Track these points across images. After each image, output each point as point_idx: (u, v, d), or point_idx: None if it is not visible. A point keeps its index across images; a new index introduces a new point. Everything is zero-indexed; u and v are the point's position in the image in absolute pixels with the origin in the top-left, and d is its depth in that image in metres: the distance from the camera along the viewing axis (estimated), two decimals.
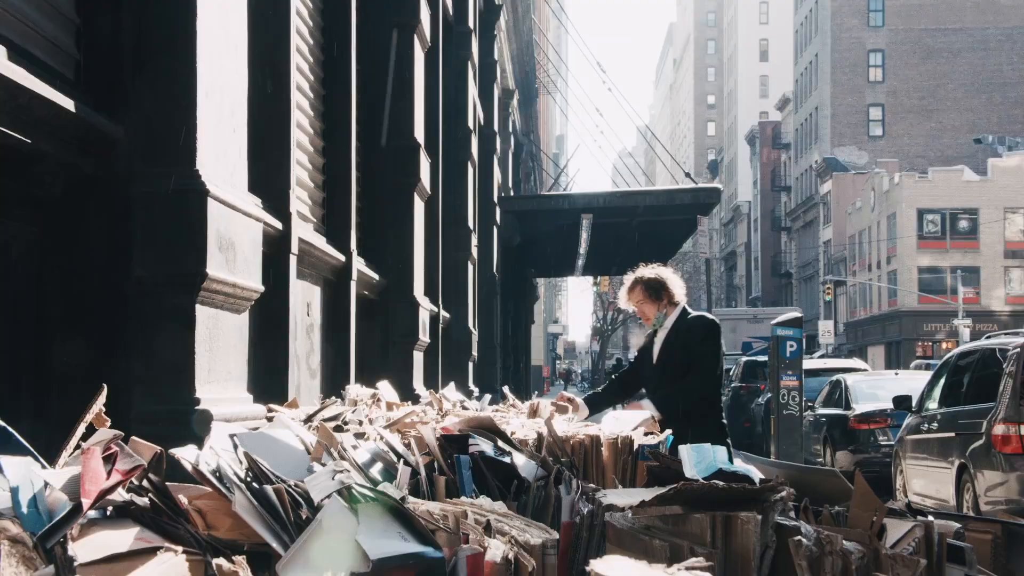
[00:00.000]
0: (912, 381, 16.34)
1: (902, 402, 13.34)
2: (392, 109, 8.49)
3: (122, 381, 3.66)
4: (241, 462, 2.63)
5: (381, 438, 3.29)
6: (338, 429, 3.70)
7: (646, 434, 4.01)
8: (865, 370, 21.93)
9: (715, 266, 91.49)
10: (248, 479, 2.55)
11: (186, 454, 2.59)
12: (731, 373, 26.68)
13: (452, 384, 5.79)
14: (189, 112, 3.76)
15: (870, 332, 61.10)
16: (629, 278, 6.10)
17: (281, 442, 2.97)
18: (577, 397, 5.89)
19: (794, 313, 16.89)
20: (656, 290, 6.00)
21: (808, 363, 20.98)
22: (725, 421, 5.84)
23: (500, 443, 3.33)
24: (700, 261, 61.08)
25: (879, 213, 59.93)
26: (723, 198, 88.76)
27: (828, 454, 16.22)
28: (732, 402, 24.89)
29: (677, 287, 6.00)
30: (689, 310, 5.99)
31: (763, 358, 23.63)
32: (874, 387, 16.78)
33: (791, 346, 15.29)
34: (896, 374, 18.86)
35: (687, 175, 23.32)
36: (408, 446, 3.24)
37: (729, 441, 5.56)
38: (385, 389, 5.23)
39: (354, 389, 5.01)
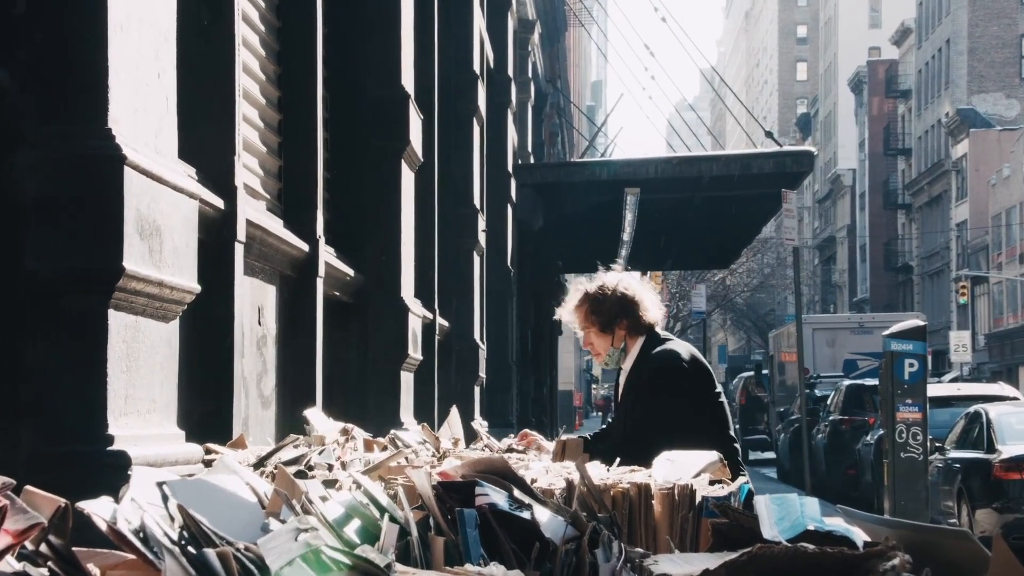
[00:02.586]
0: None
1: None
2: (371, 47, 8.52)
3: (10, 413, 3.70)
4: (173, 518, 2.67)
5: (359, 486, 3.32)
6: (301, 475, 3.73)
7: (712, 482, 4.04)
8: (1015, 399, 21.86)
9: (807, 257, 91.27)
10: (183, 541, 2.59)
11: (99, 508, 2.62)
12: (829, 402, 26.65)
13: (455, 413, 5.82)
14: (98, 51, 3.79)
15: (1023, 347, 60.86)
16: (576, 289, 5.62)
17: (226, 492, 3.00)
18: (543, 439, 5.54)
19: (915, 321, 16.85)
20: (607, 315, 5.52)
21: (935, 389, 20.92)
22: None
23: (517, 493, 3.36)
24: (786, 251, 60.95)
25: None
26: (818, 165, 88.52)
27: (964, 512, 16.19)
28: (830, 441, 24.86)
29: (647, 307, 5.55)
30: (663, 335, 5.60)
31: (872, 382, 23.58)
32: None
33: (911, 365, 15.26)
34: None
35: (768, 135, 23.30)
36: (395, 497, 3.27)
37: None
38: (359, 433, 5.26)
39: (321, 422, 5.05)
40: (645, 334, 5.57)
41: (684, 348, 5.60)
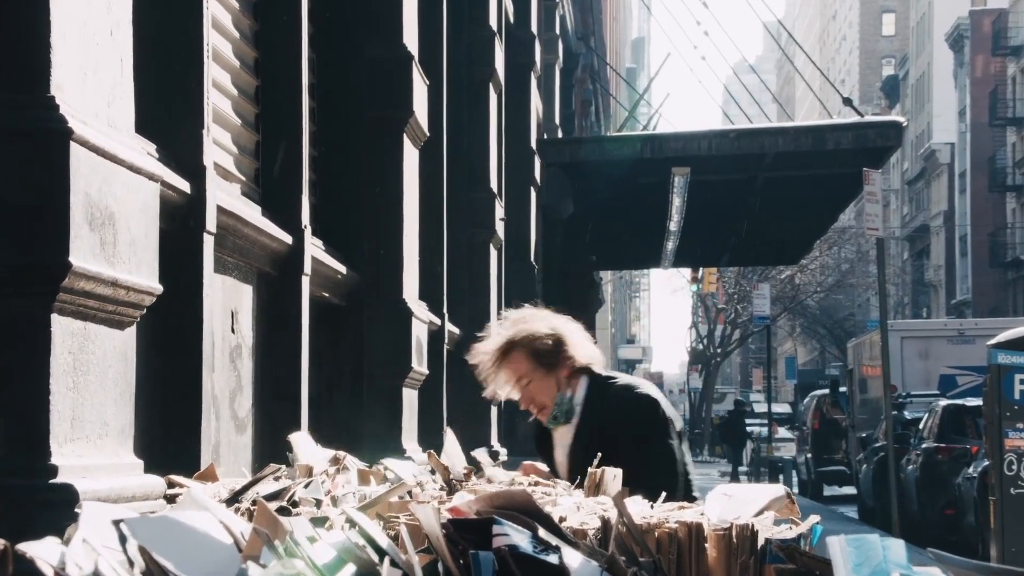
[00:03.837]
0: None
1: None
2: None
3: None
4: (132, 563, 2.69)
5: (353, 525, 3.34)
6: (284, 511, 3.75)
7: (777, 522, 4.05)
8: None
9: (894, 251, 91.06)
10: None
11: (45, 552, 2.64)
12: (921, 427, 26.57)
13: (452, 439, 5.84)
14: (38, 3, 3.80)
15: None
16: (489, 341, 5.77)
17: (195, 532, 3.02)
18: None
19: None
20: (548, 355, 5.65)
21: None
22: None
23: (542, 533, 3.38)
24: (868, 243, 60.77)
25: None
26: (907, 139, 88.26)
27: None
28: (923, 474, 24.76)
29: (579, 342, 5.69)
30: (605, 373, 5.75)
31: (975, 401, 23.50)
32: None
33: (1023, 382, 15.21)
34: None
35: (847, 102, 23.27)
36: (396, 538, 3.29)
37: None
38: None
39: (308, 448, 5.06)
40: (587, 374, 5.72)
41: (644, 383, 5.82)
